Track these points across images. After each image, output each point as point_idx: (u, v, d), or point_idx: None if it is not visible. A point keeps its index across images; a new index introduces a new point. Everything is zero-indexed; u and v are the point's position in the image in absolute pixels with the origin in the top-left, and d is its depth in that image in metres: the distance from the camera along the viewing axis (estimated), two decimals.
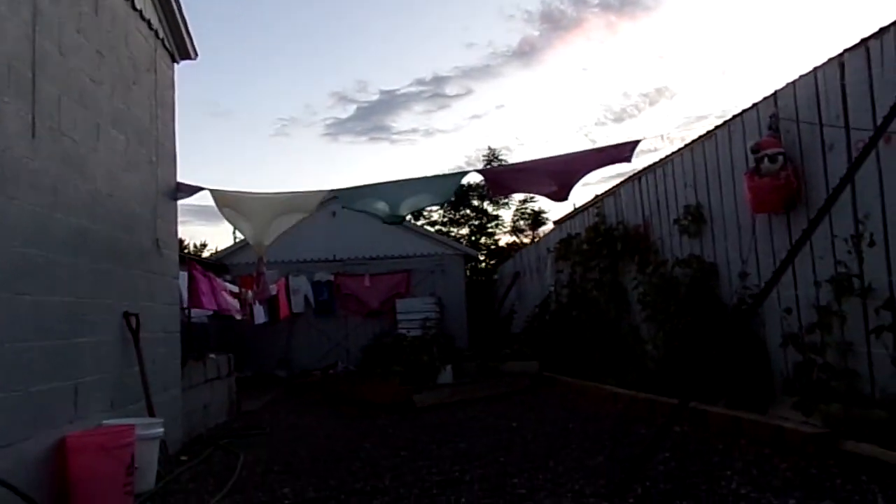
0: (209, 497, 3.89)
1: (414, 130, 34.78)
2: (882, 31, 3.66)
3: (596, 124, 34.55)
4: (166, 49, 5.98)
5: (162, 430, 4.42)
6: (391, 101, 35.13)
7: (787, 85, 4.51)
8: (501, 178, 4.87)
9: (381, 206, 5.27)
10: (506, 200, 22.34)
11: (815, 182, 4.26)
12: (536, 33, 31.29)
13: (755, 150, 4.48)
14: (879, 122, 3.58)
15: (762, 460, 3.59)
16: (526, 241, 20.42)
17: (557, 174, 4.73)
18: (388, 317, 13.70)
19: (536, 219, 21.74)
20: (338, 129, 37.06)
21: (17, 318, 3.43)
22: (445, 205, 22.27)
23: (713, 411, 4.59)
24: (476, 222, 22.28)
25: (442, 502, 3.37)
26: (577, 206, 9.76)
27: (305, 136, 41.23)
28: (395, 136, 35.70)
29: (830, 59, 4.10)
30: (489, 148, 22.13)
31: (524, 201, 22.35)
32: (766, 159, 4.40)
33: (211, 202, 5.69)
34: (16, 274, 3.44)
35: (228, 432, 6.47)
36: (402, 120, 37.47)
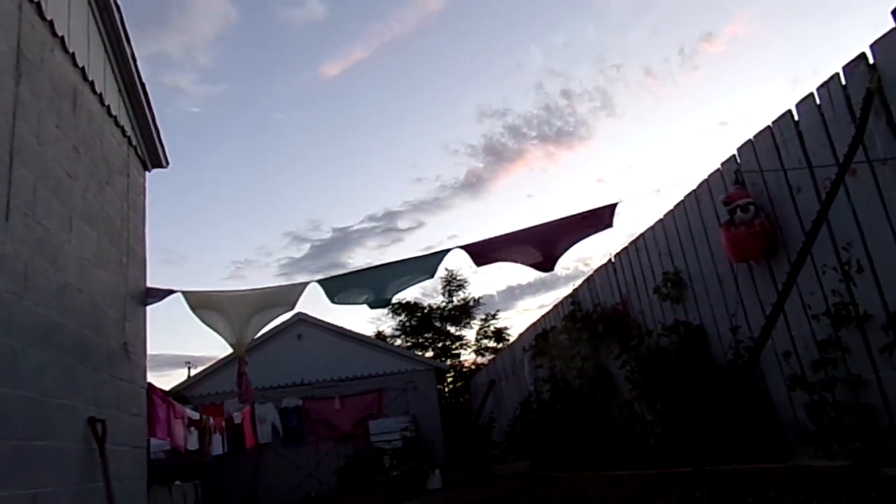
0: None
1: (368, 265, 35.10)
2: (829, 80, 4.00)
3: None
4: (138, 156, 6.02)
5: None
6: (345, 238, 35.78)
7: (746, 142, 4.80)
8: (485, 250, 4.88)
9: (367, 293, 5.16)
10: (468, 320, 22.34)
11: (789, 226, 4.41)
12: (481, 165, 33.16)
13: (727, 203, 4.66)
14: (840, 157, 3.83)
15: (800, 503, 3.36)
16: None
17: (541, 244, 4.78)
18: (361, 440, 12.98)
19: (500, 335, 21.62)
20: (292, 268, 37.20)
21: None
22: (408, 328, 22.09)
23: (731, 469, 4.35)
24: (440, 344, 21.96)
25: None
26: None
27: (260, 278, 41.18)
28: (353, 266, 35.95)
29: (783, 114, 4.42)
30: (446, 269, 22.38)
31: (486, 319, 22.37)
32: (738, 210, 4.57)
33: (179, 313, 5.47)
34: None
35: None
36: (357, 255, 38.01)
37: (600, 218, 4.65)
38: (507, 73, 31.89)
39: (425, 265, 5.07)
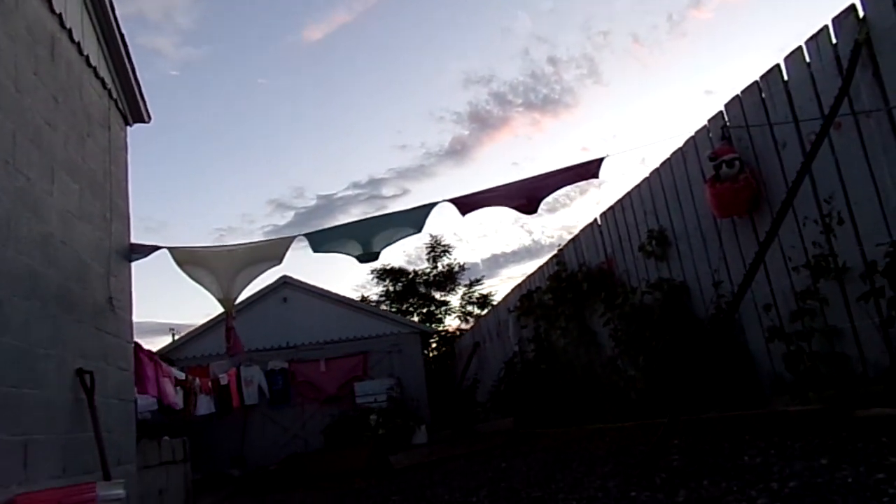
0: None
1: (356, 220, 34.76)
2: (818, 32, 4.00)
3: (531, 217, 35.69)
4: (119, 110, 5.90)
5: (124, 493, 3.93)
6: (329, 206, 35.37)
7: (733, 99, 4.82)
8: (471, 200, 4.88)
9: (353, 246, 5.15)
10: (453, 286, 22.43)
11: (773, 182, 4.46)
12: (466, 132, 32.86)
13: (712, 158, 4.70)
14: (827, 111, 3.87)
15: (774, 445, 3.48)
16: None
17: (526, 190, 4.80)
18: (347, 401, 13.09)
19: (484, 302, 21.73)
20: (277, 235, 36.70)
21: None
22: (392, 294, 22.13)
23: (709, 417, 4.48)
24: (424, 310, 22.03)
25: None
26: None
27: None
28: None
29: (771, 69, 4.43)
30: (431, 236, 22.40)
31: (470, 285, 22.47)
32: (723, 165, 4.61)
33: (161, 280, 5.43)
34: None
35: None
36: (341, 223, 37.61)
37: (587, 169, 4.68)
38: (494, 39, 31.49)
39: (412, 218, 5.07)
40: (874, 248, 3.54)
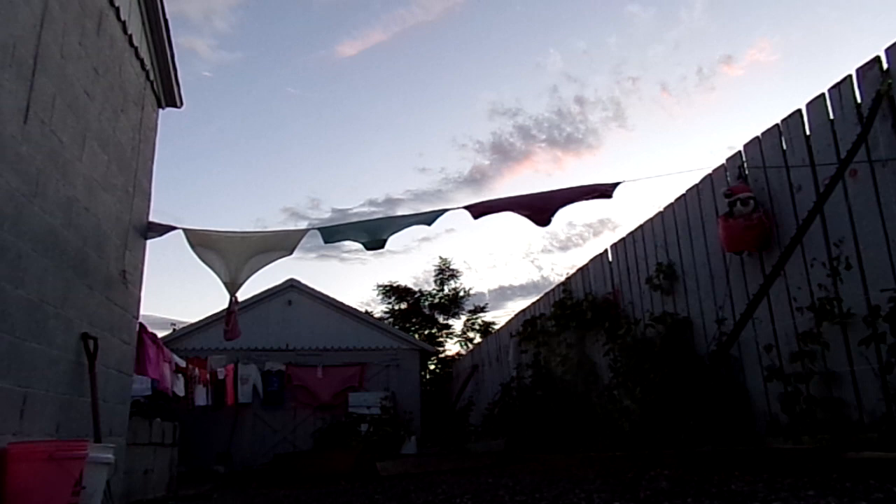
0: None
1: (364, 251, 34.76)
2: (841, 81, 4.08)
3: (542, 251, 35.76)
4: (154, 92, 6.07)
5: (113, 457, 3.96)
6: (343, 219, 35.36)
7: (753, 140, 4.89)
8: (484, 206, 4.95)
9: (362, 236, 5.22)
10: (457, 311, 22.40)
11: (785, 223, 4.51)
12: (487, 162, 33.08)
13: (728, 195, 4.75)
14: (844, 158, 3.93)
15: (763, 479, 3.47)
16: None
17: (539, 200, 4.86)
18: (340, 410, 13.05)
19: (486, 330, 21.67)
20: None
21: None
22: (396, 312, 22.11)
23: (702, 451, 4.46)
24: (426, 331, 21.98)
25: None
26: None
27: None
28: (344, 255, 35.78)
29: (792, 113, 4.51)
30: (441, 258, 22.51)
31: (474, 311, 22.44)
32: (738, 203, 4.66)
33: (166, 276, 5.54)
34: None
35: (172, 497, 5.82)
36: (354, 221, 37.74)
37: (601, 189, 4.75)
38: (524, 73, 31.84)
39: (424, 217, 5.15)
40: (879, 293, 3.56)
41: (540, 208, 4.76)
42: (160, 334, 13.03)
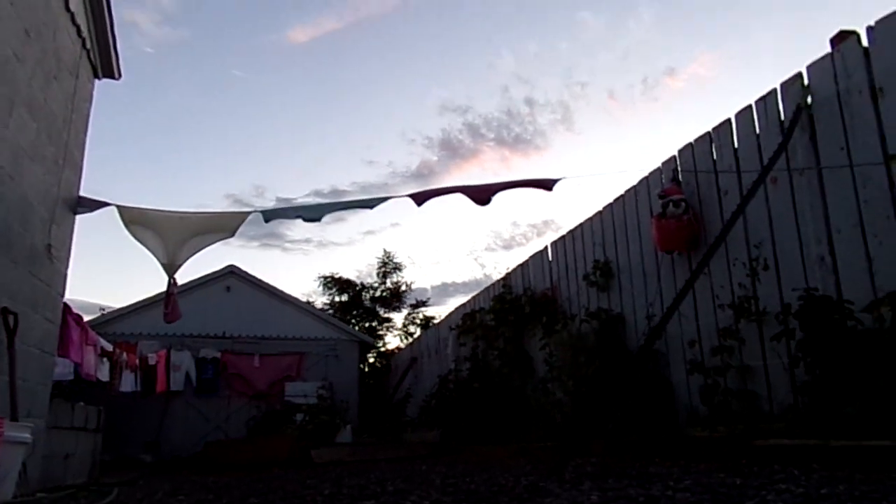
0: None
1: (307, 241, 34.19)
2: (766, 94, 4.33)
3: (486, 249, 36.11)
4: (90, 60, 5.82)
5: (30, 437, 3.80)
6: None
7: (686, 145, 5.13)
8: (428, 193, 4.99)
9: (301, 214, 5.17)
10: (398, 305, 22.40)
11: (712, 225, 4.75)
12: (435, 158, 33.12)
13: (661, 196, 4.97)
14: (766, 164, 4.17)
15: (679, 465, 3.66)
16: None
17: (483, 190, 4.93)
18: (276, 399, 12.87)
19: (427, 324, 21.78)
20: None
21: None
22: (337, 304, 21.93)
23: (626, 440, 4.66)
24: (367, 324, 21.89)
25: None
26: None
27: None
28: (287, 245, 35.10)
29: (722, 122, 4.75)
30: (384, 250, 22.50)
31: (415, 306, 22.50)
32: (670, 204, 4.89)
33: (94, 258, 5.36)
34: None
35: (94, 483, 5.62)
36: (297, 229, 37.02)
37: (543, 182, 4.87)
38: (476, 72, 32.02)
39: (367, 203, 5.15)
40: (791, 293, 3.81)
41: (482, 190, 4.85)
42: (87, 318, 12.50)
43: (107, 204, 5.60)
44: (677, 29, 25.13)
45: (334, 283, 22.05)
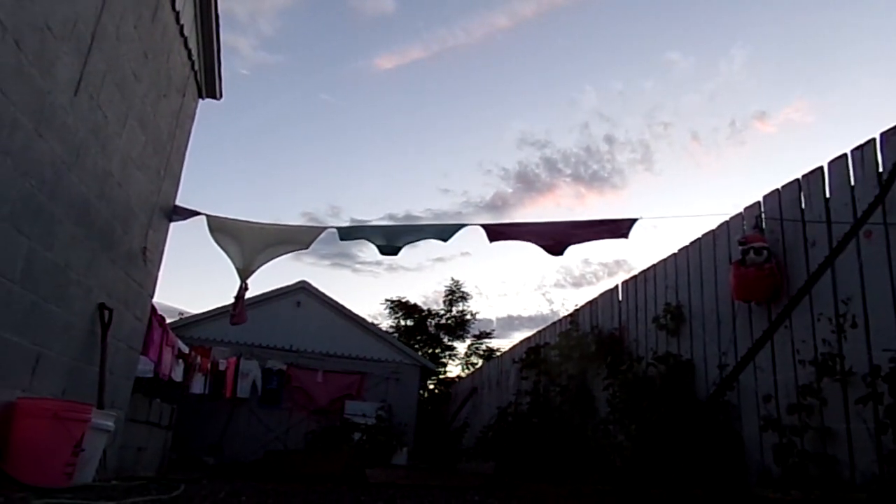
0: None
1: (378, 263, 34.85)
2: (865, 143, 4.16)
3: (555, 285, 35.68)
4: (196, 81, 6.29)
5: (113, 425, 4.06)
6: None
7: (772, 192, 4.95)
8: (501, 229, 5.04)
9: (378, 239, 5.34)
10: (462, 334, 22.43)
11: (796, 277, 4.55)
12: (510, 190, 33.24)
13: (742, 243, 4.81)
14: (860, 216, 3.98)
15: None
16: None
17: (557, 233, 4.94)
18: (335, 416, 13.09)
19: (489, 356, 21.64)
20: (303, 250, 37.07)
21: (11, 253, 3.28)
22: (402, 328, 22.18)
23: (690, 493, 4.46)
24: (430, 350, 21.99)
25: None
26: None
27: None
28: (358, 266, 35.92)
29: (814, 170, 4.58)
30: (453, 279, 22.71)
31: (479, 336, 22.44)
32: (751, 251, 4.72)
33: (176, 265, 5.69)
34: (24, 211, 3.35)
35: (163, 478, 5.89)
36: (369, 251, 37.99)
37: (618, 227, 4.83)
38: (558, 107, 32.11)
39: (441, 230, 5.25)
40: (881, 353, 3.59)
41: (556, 240, 4.85)
42: (168, 321, 13.22)
43: (198, 213, 5.97)
44: (771, 73, 24.39)
45: (401, 307, 22.36)
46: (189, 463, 10.90)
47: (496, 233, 4.93)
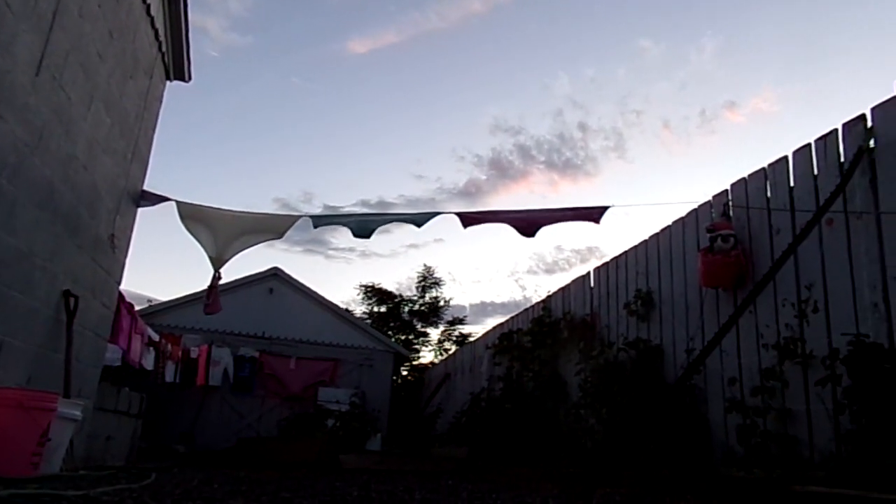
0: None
1: (351, 249, 34.77)
2: (827, 134, 4.26)
3: (528, 272, 35.94)
4: (164, 63, 6.14)
5: (80, 414, 3.99)
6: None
7: (739, 180, 5.06)
8: (474, 216, 5.06)
9: (351, 225, 5.31)
10: (436, 320, 22.49)
11: (761, 263, 4.66)
12: (484, 177, 33.26)
13: (710, 230, 4.91)
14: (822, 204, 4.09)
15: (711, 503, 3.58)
16: None
17: (529, 216, 4.98)
18: (308, 403, 13.06)
19: (463, 342, 21.74)
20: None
21: None
22: (375, 314, 22.14)
23: (658, 474, 4.57)
24: (403, 337, 22.01)
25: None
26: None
27: None
28: (331, 252, 35.57)
29: (779, 159, 4.68)
30: (425, 265, 22.71)
31: (452, 322, 22.53)
32: (719, 238, 4.82)
33: (142, 252, 5.61)
34: None
35: (132, 466, 5.82)
36: (342, 237, 37.67)
37: (590, 213, 4.89)
38: (531, 93, 32.15)
39: (415, 218, 5.25)
40: (840, 337, 3.71)
41: (528, 221, 4.89)
42: (136, 308, 12.95)
43: (167, 199, 5.86)
44: (740, 62, 24.74)
45: (374, 293, 22.31)
46: (159, 452, 10.76)
47: (468, 219, 4.95)
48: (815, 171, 4.30)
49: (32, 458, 3.29)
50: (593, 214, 4.90)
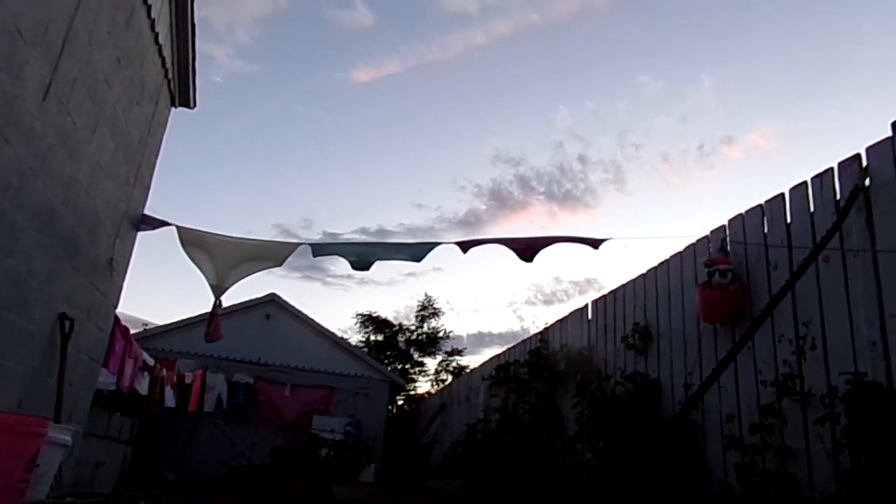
0: None
1: (349, 277, 34.66)
2: (823, 172, 4.31)
3: (526, 303, 35.86)
4: (170, 90, 6.22)
5: (71, 440, 3.94)
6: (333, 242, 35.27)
7: (737, 216, 5.09)
8: (473, 242, 5.07)
9: (351, 255, 5.31)
10: (433, 350, 22.35)
11: (759, 299, 4.66)
12: (483, 207, 33.44)
13: (708, 265, 4.92)
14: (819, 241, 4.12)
15: None
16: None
17: (528, 240, 4.98)
18: (302, 431, 12.89)
19: (460, 373, 21.58)
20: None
21: None
22: (373, 343, 22.01)
23: None
24: (399, 366, 21.84)
25: None
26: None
27: None
28: (329, 279, 35.49)
29: (775, 196, 4.72)
30: (425, 294, 22.70)
31: (450, 353, 22.39)
32: (717, 273, 4.83)
33: (140, 276, 5.62)
34: None
35: (120, 495, 5.73)
36: (340, 265, 37.71)
37: (590, 241, 4.90)
38: (532, 125, 32.53)
39: (414, 250, 5.26)
40: (838, 375, 3.69)
41: (527, 245, 4.91)
42: (131, 332, 12.86)
43: (167, 223, 5.88)
44: (738, 98, 25.10)
45: (371, 321, 22.21)
46: (148, 479, 10.58)
47: (467, 245, 4.95)
48: (812, 209, 4.34)
49: (19, 484, 3.24)
50: (593, 241, 4.90)
